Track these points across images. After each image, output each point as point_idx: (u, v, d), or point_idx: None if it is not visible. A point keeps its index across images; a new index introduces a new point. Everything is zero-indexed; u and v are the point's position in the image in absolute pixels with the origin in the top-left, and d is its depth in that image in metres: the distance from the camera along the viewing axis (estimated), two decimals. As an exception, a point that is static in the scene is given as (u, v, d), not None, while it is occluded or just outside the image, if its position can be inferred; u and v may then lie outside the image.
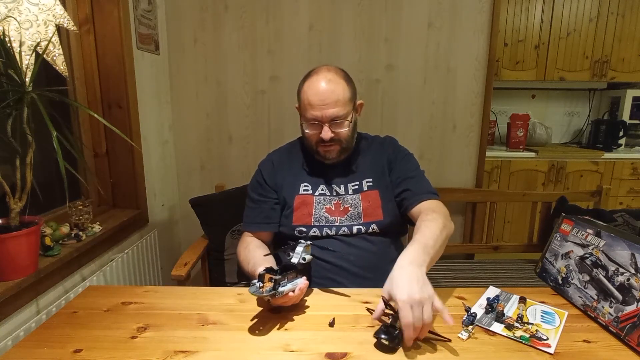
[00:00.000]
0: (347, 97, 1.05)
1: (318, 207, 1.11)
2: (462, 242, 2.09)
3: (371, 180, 1.13)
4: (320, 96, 1.02)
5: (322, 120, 1.03)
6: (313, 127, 1.06)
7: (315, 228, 1.09)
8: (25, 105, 0.94)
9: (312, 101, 1.03)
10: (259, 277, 0.82)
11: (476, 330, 0.81)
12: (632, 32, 2.67)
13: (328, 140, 1.05)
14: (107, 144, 1.59)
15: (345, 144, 1.09)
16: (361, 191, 1.12)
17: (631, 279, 0.79)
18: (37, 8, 1.10)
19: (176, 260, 1.41)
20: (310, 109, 1.04)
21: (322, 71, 1.06)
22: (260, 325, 0.83)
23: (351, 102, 1.07)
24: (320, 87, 1.03)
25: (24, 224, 0.99)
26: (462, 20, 1.89)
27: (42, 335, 0.80)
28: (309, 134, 1.08)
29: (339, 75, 1.06)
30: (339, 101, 1.03)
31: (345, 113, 1.04)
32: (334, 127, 1.04)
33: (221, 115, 2.00)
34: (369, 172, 1.14)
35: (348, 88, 1.06)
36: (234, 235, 1.64)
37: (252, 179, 1.20)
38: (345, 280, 1.05)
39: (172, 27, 1.91)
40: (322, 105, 1.02)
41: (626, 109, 2.85)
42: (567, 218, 0.99)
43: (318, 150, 1.10)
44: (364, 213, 1.09)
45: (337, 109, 1.02)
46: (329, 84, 1.03)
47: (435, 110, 1.99)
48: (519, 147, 2.78)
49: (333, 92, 1.02)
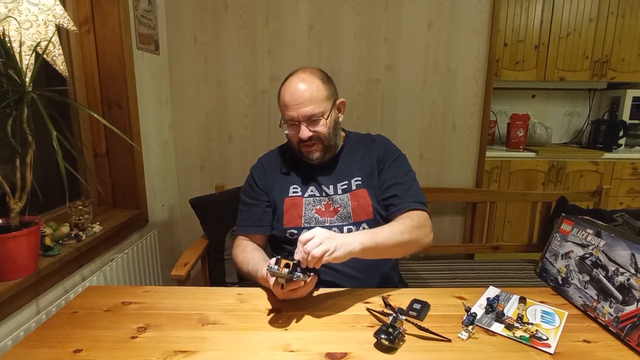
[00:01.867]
0: (322, 95, 1.06)
1: (308, 208, 1.11)
2: (462, 242, 2.09)
3: (360, 179, 1.12)
4: (294, 96, 1.04)
5: (299, 120, 1.05)
6: (292, 127, 1.08)
7: (305, 229, 1.08)
8: (25, 105, 0.94)
9: (287, 102, 1.05)
10: (276, 261, 0.83)
11: (476, 330, 0.81)
12: (632, 32, 2.67)
13: (307, 140, 1.06)
14: (107, 144, 1.59)
15: (327, 142, 1.09)
16: (350, 190, 1.11)
17: (631, 279, 0.79)
18: (37, 8, 1.10)
19: (176, 260, 1.41)
20: (286, 110, 1.06)
21: (297, 73, 1.09)
22: (260, 325, 0.83)
23: (328, 100, 1.08)
24: (293, 87, 1.06)
25: (24, 224, 0.99)
26: (462, 20, 1.89)
27: (42, 335, 0.80)
28: (289, 134, 1.10)
29: (313, 75, 1.08)
30: (314, 99, 1.04)
31: (321, 111, 1.05)
32: (311, 126, 1.06)
33: (221, 115, 2.00)
34: (358, 171, 1.14)
35: (323, 87, 1.07)
36: (234, 235, 1.63)
37: (245, 183, 1.22)
38: (338, 281, 1.05)
39: (172, 27, 1.91)
40: (297, 105, 1.04)
41: (626, 109, 2.85)
42: (567, 218, 0.99)
43: (301, 150, 1.10)
44: (353, 213, 1.09)
45: (312, 107, 1.04)
46: (302, 83, 1.05)
47: (435, 110, 1.99)
48: (519, 147, 2.78)
49: (306, 91, 1.04)
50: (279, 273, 0.81)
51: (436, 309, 0.89)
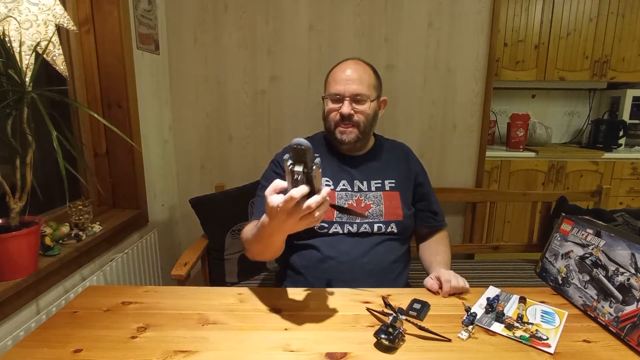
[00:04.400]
0: (372, 82, 1.12)
1: (340, 202, 1.11)
2: (462, 242, 2.09)
3: (394, 182, 1.16)
4: (347, 72, 1.10)
5: (344, 94, 1.09)
6: (335, 101, 1.12)
7: (337, 224, 1.09)
8: (25, 105, 0.94)
9: (337, 77, 1.11)
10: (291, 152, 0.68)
11: (476, 330, 0.81)
12: (632, 32, 2.67)
13: (347, 118, 1.09)
14: (107, 144, 1.58)
15: (363, 127, 1.12)
16: (383, 190, 1.14)
17: (631, 279, 0.79)
18: (37, 8, 1.10)
19: (176, 260, 1.41)
20: (334, 84, 1.11)
21: (352, 58, 1.15)
22: (260, 325, 0.83)
23: (375, 90, 1.13)
24: (348, 66, 1.12)
25: (24, 224, 0.99)
26: (462, 20, 1.89)
27: (42, 335, 0.80)
28: (329, 109, 1.13)
29: (367, 65, 1.15)
30: (363, 81, 1.10)
31: (367, 93, 1.10)
32: (355, 104, 1.10)
33: (221, 115, 2.00)
34: (392, 174, 1.17)
35: (374, 76, 1.14)
36: (234, 235, 1.64)
37: (267, 171, 1.20)
38: (361, 279, 1.05)
39: (172, 27, 1.90)
40: (347, 81, 1.09)
41: (626, 108, 2.86)
42: (567, 218, 0.99)
43: (336, 130, 1.12)
44: (385, 212, 1.12)
45: (360, 86, 1.09)
46: (357, 65, 1.12)
47: (435, 110, 1.99)
48: (519, 147, 2.78)
49: (359, 72, 1.10)
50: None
51: (436, 309, 0.89)
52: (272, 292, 0.98)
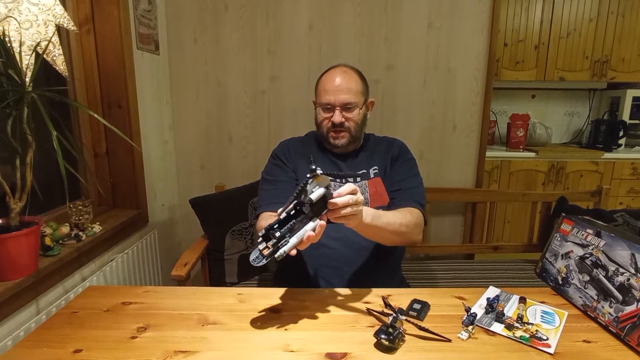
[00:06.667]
0: (359, 89, 1.17)
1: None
2: (462, 242, 2.09)
3: (377, 169, 1.21)
4: (334, 83, 1.15)
5: (335, 104, 1.14)
6: (326, 111, 1.17)
7: None
8: (25, 105, 0.94)
9: (327, 87, 1.16)
10: (263, 237, 0.75)
11: (476, 330, 0.81)
12: (632, 32, 2.67)
13: (338, 125, 1.14)
14: (107, 144, 1.58)
15: (354, 132, 1.17)
16: (368, 178, 1.19)
17: (631, 279, 0.79)
18: (37, 8, 1.10)
19: (176, 260, 1.41)
20: (325, 95, 1.15)
21: (339, 66, 1.20)
22: (260, 326, 0.83)
23: (362, 95, 1.18)
24: (336, 76, 1.16)
25: (24, 224, 0.99)
26: (462, 20, 1.89)
27: (42, 335, 0.80)
28: (321, 118, 1.18)
29: (353, 71, 1.19)
30: (351, 90, 1.15)
31: (356, 101, 1.15)
32: (345, 112, 1.15)
33: (221, 115, 2.00)
34: (376, 162, 1.22)
35: (361, 82, 1.18)
36: (233, 235, 1.64)
37: (267, 166, 1.25)
38: (354, 263, 1.10)
39: (172, 27, 1.90)
40: (336, 91, 1.14)
41: (626, 109, 2.85)
42: (567, 218, 0.99)
43: (329, 136, 1.18)
44: (371, 199, 1.16)
45: (349, 95, 1.14)
46: (344, 74, 1.17)
47: (435, 110, 1.99)
48: (519, 147, 2.78)
49: (346, 81, 1.15)
50: (259, 261, 0.73)
51: (436, 309, 0.89)
52: (272, 292, 0.98)
